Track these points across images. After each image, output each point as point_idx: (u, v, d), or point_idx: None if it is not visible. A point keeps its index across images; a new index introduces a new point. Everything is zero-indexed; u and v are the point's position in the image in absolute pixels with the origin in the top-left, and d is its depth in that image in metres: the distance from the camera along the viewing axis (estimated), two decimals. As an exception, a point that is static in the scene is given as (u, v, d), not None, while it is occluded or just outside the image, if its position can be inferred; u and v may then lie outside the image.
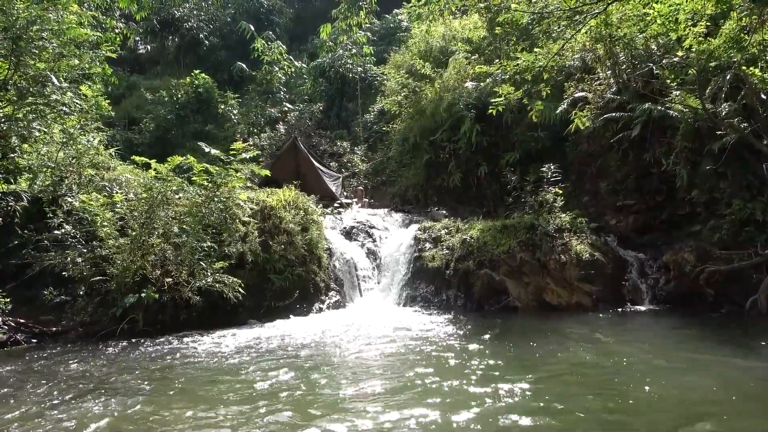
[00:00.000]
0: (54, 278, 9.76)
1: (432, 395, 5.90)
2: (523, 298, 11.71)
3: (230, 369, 7.27)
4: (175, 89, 26.44)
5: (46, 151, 11.55)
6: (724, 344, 8.28)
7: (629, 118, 12.44)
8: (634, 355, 7.78)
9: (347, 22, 25.41)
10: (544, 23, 9.89)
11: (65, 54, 10.32)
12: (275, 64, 29.43)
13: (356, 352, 8.28)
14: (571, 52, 13.74)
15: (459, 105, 17.08)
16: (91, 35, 11.38)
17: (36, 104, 10.22)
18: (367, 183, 22.22)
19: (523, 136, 15.86)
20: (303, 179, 16.24)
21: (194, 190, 10.69)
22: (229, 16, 35.21)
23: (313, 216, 13.23)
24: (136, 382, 6.67)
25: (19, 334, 9.04)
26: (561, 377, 6.67)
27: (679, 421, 5.16)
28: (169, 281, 9.73)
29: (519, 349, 8.28)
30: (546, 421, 5.17)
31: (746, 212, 10.58)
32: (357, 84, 26.94)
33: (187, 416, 5.43)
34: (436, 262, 12.78)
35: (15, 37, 9.31)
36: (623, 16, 10.41)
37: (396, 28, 31.42)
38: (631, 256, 12.42)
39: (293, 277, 11.77)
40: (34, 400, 6.05)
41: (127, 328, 9.35)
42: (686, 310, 10.80)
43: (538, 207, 12.79)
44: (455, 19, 20.95)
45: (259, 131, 25.54)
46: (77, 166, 11.60)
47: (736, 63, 9.88)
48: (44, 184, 10.92)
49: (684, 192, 11.75)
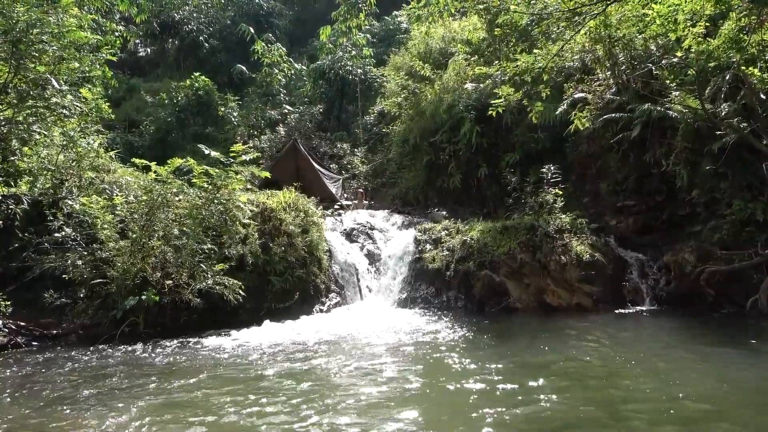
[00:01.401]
0: (54, 281, 9.75)
1: (433, 395, 5.90)
2: (523, 299, 11.70)
3: (230, 372, 7.27)
4: (175, 92, 26.45)
5: (46, 153, 11.55)
6: (725, 344, 8.28)
7: (629, 119, 12.44)
8: (634, 355, 7.78)
9: (347, 24, 25.38)
10: (543, 24, 9.89)
11: (65, 57, 10.34)
12: (275, 67, 29.44)
13: (356, 354, 8.28)
14: (570, 53, 13.73)
15: (459, 106, 17.08)
16: (91, 38, 11.40)
17: (36, 107, 10.23)
18: (367, 184, 22.21)
19: (523, 137, 15.85)
20: (303, 181, 16.24)
21: (194, 193, 10.70)
22: (229, 19, 35.22)
23: (314, 218, 13.23)
24: (137, 386, 6.66)
25: (20, 337, 9.03)
26: (562, 378, 6.66)
27: (680, 420, 5.16)
28: (170, 283, 9.72)
29: (520, 350, 8.28)
30: (547, 421, 5.17)
31: (746, 212, 10.57)
32: (357, 86, 26.95)
33: (189, 419, 5.43)
34: (436, 263, 12.77)
35: (15, 40, 9.33)
36: (622, 17, 10.41)
37: (395, 30, 31.44)
38: (632, 256, 12.41)
39: (293, 279, 11.77)
40: (34, 403, 6.05)
41: (127, 330, 9.35)
42: (687, 311, 10.80)
43: (539, 208, 12.78)
44: (455, 20, 20.94)
45: (259, 133, 25.54)
46: (77, 168, 11.60)
47: (735, 63, 9.88)
48: (44, 187, 10.92)
49: (684, 192, 11.74)
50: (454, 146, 17.43)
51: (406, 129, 19.84)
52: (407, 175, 19.93)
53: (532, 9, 9.99)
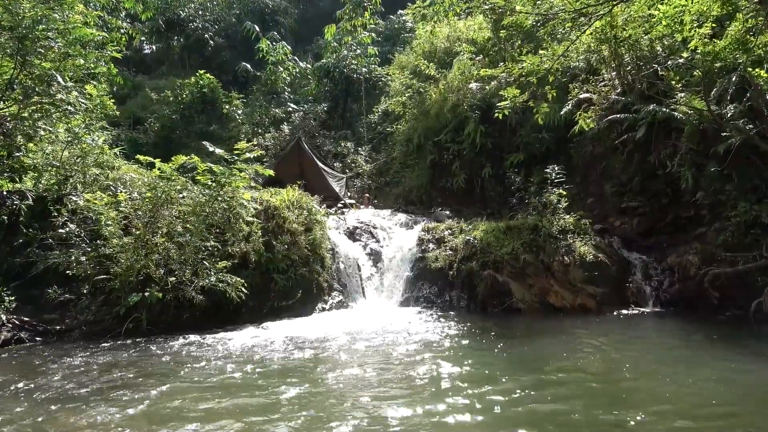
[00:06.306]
0: (58, 277, 9.78)
1: (434, 396, 5.89)
2: (526, 299, 11.67)
3: (233, 369, 7.27)
4: (180, 89, 26.50)
5: (51, 150, 11.60)
6: (728, 347, 8.23)
7: (634, 120, 12.39)
8: (637, 357, 7.75)
9: (352, 23, 25.44)
10: (549, 25, 9.86)
11: (71, 53, 10.35)
12: (280, 65, 29.45)
13: (358, 353, 8.28)
14: (575, 54, 13.71)
15: (463, 106, 17.07)
16: (97, 35, 11.41)
17: (41, 103, 10.25)
18: (370, 183, 22.21)
19: (527, 138, 15.84)
20: (307, 179, 16.26)
21: (198, 190, 10.71)
22: (234, 17, 35.23)
23: (317, 216, 13.23)
24: (139, 382, 6.68)
25: (23, 333, 9.07)
26: (563, 379, 6.65)
27: (682, 423, 5.14)
28: (173, 280, 9.74)
29: (522, 351, 8.26)
30: (547, 422, 5.15)
31: (752, 215, 10.51)
32: (361, 85, 26.95)
33: (191, 416, 5.43)
34: (439, 262, 12.75)
35: (21, 36, 9.34)
36: (628, 18, 10.38)
37: (400, 29, 31.43)
38: (635, 258, 12.37)
39: (296, 277, 11.77)
40: (36, 399, 6.07)
41: (130, 327, 9.36)
42: (690, 313, 10.76)
43: (542, 208, 12.74)
44: (460, 20, 20.93)
45: (264, 131, 25.56)
46: (82, 165, 11.65)
47: (741, 64, 9.83)
48: (49, 183, 10.97)
49: (689, 194, 11.68)
50: (458, 146, 17.43)
51: (411, 128, 19.86)
52: (411, 175, 19.93)
53: (537, 9, 9.97)
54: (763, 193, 10.68)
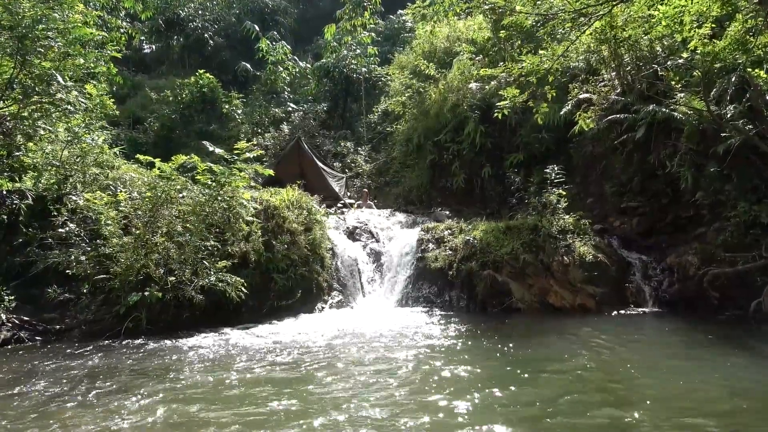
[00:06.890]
0: (58, 276, 9.77)
1: (433, 396, 5.89)
2: (526, 299, 11.68)
3: (233, 369, 7.27)
4: (180, 89, 26.49)
5: (50, 149, 11.59)
6: (728, 347, 8.24)
7: (634, 120, 12.40)
8: (636, 357, 7.76)
9: (352, 22, 25.48)
10: (548, 26, 9.87)
11: (70, 53, 10.36)
12: (280, 65, 29.46)
13: (358, 353, 8.28)
14: (575, 54, 13.72)
15: (463, 106, 17.07)
16: (97, 35, 11.41)
17: (41, 103, 10.25)
18: (370, 183, 22.21)
19: (527, 138, 15.84)
20: (306, 179, 16.26)
21: (198, 189, 10.71)
22: (234, 16, 35.23)
23: (317, 216, 13.23)
24: (139, 382, 6.68)
25: (23, 332, 9.06)
26: (563, 379, 6.65)
27: (682, 423, 5.14)
28: (173, 280, 9.74)
29: (522, 351, 8.26)
30: (547, 422, 5.16)
31: (751, 215, 10.52)
32: (361, 84, 26.95)
33: (191, 416, 5.43)
34: (439, 262, 12.75)
35: (21, 35, 9.34)
36: (628, 18, 10.39)
37: (400, 29, 31.43)
38: (635, 258, 12.38)
39: (296, 277, 11.77)
40: (36, 398, 6.07)
41: (130, 326, 9.36)
42: (690, 313, 10.77)
43: (542, 208, 12.75)
44: (459, 20, 20.94)
45: (263, 131, 25.56)
46: (82, 164, 11.63)
47: (741, 65, 9.84)
48: (49, 183, 10.96)
49: (689, 194, 11.69)
50: (457, 146, 17.43)
51: (410, 128, 19.86)
52: (411, 175, 19.94)
53: (537, 9, 9.98)
54: (763, 193, 10.70)
